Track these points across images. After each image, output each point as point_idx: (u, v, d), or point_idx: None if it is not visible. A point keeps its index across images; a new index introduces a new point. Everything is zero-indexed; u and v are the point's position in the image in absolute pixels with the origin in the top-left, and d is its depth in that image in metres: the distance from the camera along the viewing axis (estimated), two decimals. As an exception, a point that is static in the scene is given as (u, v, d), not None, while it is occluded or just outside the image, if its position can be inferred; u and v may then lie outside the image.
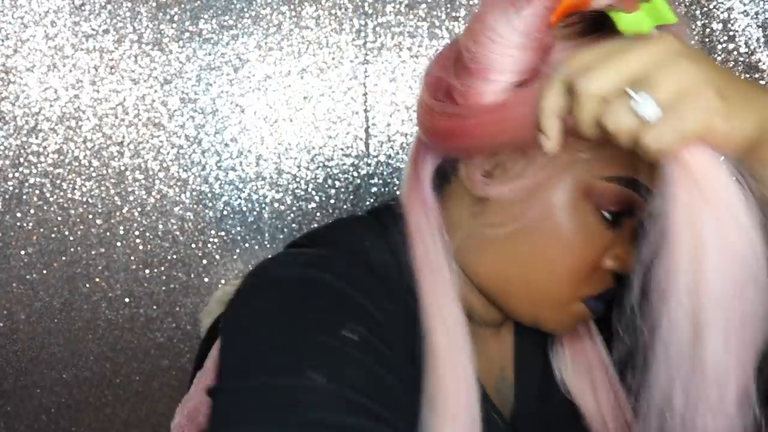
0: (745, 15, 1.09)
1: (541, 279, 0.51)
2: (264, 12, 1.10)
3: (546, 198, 0.49)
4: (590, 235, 0.49)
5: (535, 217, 0.49)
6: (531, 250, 0.50)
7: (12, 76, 1.08)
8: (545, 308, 0.53)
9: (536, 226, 0.49)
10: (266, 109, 1.12)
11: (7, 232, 1.11)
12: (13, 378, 1.16)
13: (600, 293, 0.52)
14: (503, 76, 0.46)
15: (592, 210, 0.49)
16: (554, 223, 0.49)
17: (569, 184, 0.49)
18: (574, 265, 0.50)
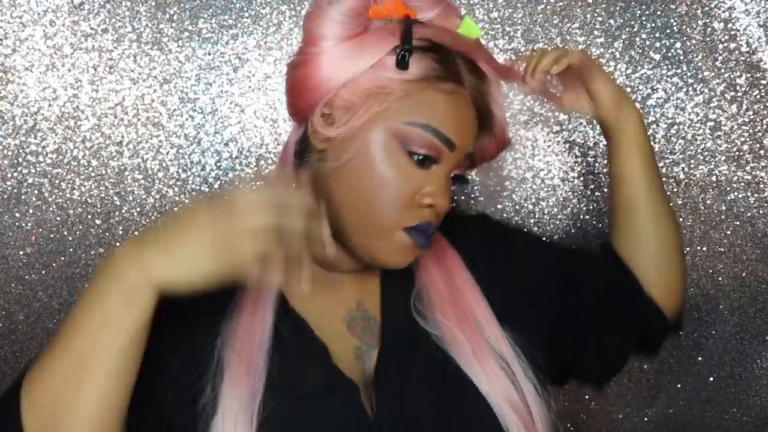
0: (747, 14, 1.09)
1: (364, 207, 0.63)
2: (264, 11, 1.09)
3: (364, 139, 0.63)
4: (402, 172, 0.63)
5: (356, 153, 0.63)
6: (355, 183, 0.63)
7: (11, 76, 1.07)
8: (373, 238, 0.64)
9: (357, 162, 0.63)
10: (266, 108, 1.12)
11: (5, 232, 1.11)
12: (12, 378, 1.15)
13: (419, 225, 0.64)
14: (327, 41, 0.63)
15: (401, 150, 0.63)
16: (371, 158, 0.63)
17: (381, 128, 0.63)
18: (390, 196, 0.63)
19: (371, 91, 0.63)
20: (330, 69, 0.63)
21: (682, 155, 1.14)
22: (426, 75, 0.63)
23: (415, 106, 0.63)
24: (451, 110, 0.64)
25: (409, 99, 0.63)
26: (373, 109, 0.63)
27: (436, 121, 0.63)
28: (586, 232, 1.17)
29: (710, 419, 1.21)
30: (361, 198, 0.64)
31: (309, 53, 0.64)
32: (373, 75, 0.63)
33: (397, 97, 0.63)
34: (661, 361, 1.20)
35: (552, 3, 1.10)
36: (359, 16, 0.64)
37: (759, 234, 1.15)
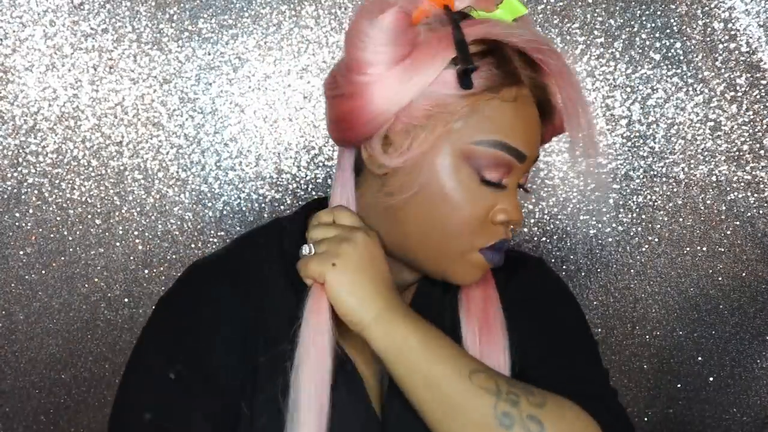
0: (747, 14, 1.09)
1: (438, 235, 0.61)
2: (263, 11, 1.09)
3: (432, 165, 0.59)
4: (474, 194, 0.60)
5: (425, 182, 0.60)
6: (427, 210, 0.60)
7: (11, 76, 1.07)
8: (448, 260, 0.62)
9: (427, 190, 0.60)
10: (266, 108, 1.12)
11: (5, 232, 1.11)
12: (12, 378, 1.15)
13: (494, 244, 0.62)
14: (377, 67, 0.58)
15: (472, 172, 0.60)
16: (441, 185, 0.60)
17: (449, 151, 0.59)
18: (464, 219, 0.60)
19: (432, 111, 0.58)
20: (384, 98, 0.58)
21: (682, 155, 1.14)
22: (489, 85, 0.59)
23: (481, 123, 0.59)
24: (518, 119, 0.60)
25: (475, 115, 0.59)
26: (437, 131, 0.59)
27: (504, 134, 0.59)
28: (586, 232, 1.17)
29: (710, 419, 1.21)
30: (434, 226, 0.61)
31: (358, 83, 0.59)
32: (432, 94, 0.58)
33: (461, 116, 0.59)
34: (661, 361, 1.20)
35: (552, 3, 1.10)
36: (406, 31, 0.58)
37: (759, 234, 1.15)
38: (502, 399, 0.56)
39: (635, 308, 1.19)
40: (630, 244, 1.17)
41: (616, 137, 1.14)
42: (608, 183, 1.14)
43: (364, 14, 0.58)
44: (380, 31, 0.57)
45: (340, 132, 0.63)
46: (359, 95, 0.59)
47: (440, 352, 0.58)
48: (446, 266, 0.63)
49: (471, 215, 0.60)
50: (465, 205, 0.60)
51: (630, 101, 1.13)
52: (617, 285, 1.19)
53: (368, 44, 0.57)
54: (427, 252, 0.63)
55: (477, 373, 0.57)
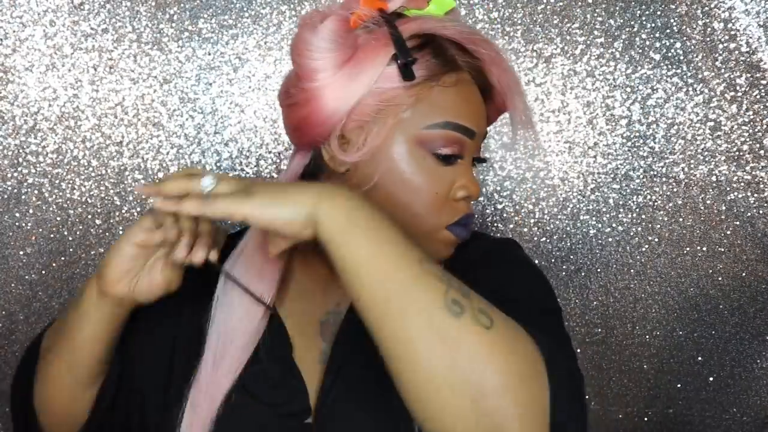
0: (747, 14, 1.09)
1: (406, 218, 0.63)
2: (264, 11, 1.09)
3: (388, 155, 0.63)
4: (432, 174, 0.63)
5: (384, 171, 0.63)
6: (390, 197, 0.63)
7: (11, 76, 1.07)
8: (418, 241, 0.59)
9: (388, 178, 0.63)
10: (266, 108, 1.12)
11: (5, 232, 1.11)
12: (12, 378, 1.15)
13: (460, 220, 0.65)
14: (324, 73, 0.62)
15: (427, 154, 0.63)
16: (400, 171, 0.63)
17: (402, 139, 0.63)
18: (427, 200, 0.63)
19: (381, 106, 0.62)
20: (335, 100, 0.62)
21: (682, 155, 1.14)
22: (429, 74, 0.63)
23: (428, 109, 0.63)
24: (462, 100, 0.64)
25: (421, 103, 0.63)
26: (389, 123, 0.62)
27: (450, 115, 0.63)
28: (586, 232, 1.17)
29: (710, 419, 1.21)
30: (399, 210, 0.63)
31: (308, 89, 0.63)
32: (379, 90, 0.62)
33: (408, 105, 0.63)
34: (661, 361, 1.20)
35: (552, 3, 1.10)
36: (346, 36, 0.63)
37: (759, 234, 1.15)
38: (453, 288, 0.51)
39: (635, 308, 1.19)
40: (630, 244, 1.17)
41: (616, 137, 1.14)
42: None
43: (306, 25, 0.63)
44: (322, 39, 0.62)
45: (298, 137, 0.67)
46: (312, 100, 0.63)
47: (389, 234, 0.53)
48: None
49: (433, 195, 0.63)
50: (426, 187, 0.63)
51: (630, 101, 1.13)
52: (617, 285, 1.19)
53: (313, 52, 0.62)
54: None
55: (427, 262, 0.53)
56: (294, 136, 0.67)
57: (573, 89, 1.12)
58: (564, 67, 1.12)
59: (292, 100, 0.65)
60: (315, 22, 0.63)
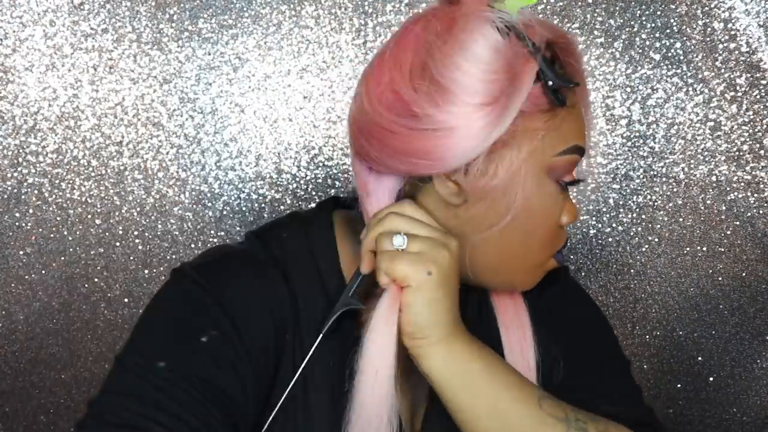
0: (747, 14, 1.09)
1: (524, 252, 0.58)
2: (263, 11, 1.09)
3: (522, 185, 0.54)
4: (553, 204, 0.57)
5: (520, 205, 0.55)
6: (517, 232, 0.56)
7: (11, 76, 1.07)
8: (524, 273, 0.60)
9: (522, 213, 0.55)
10: (266, 108, 1.12)
11: (5, 232, 1.11)
12: (12, 379, 1.16)
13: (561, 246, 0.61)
14: (485, 97, 0.51)
15: (552, 183, 0.56)
16: (533, 204, 0.55)
17: (536, 168, 0.55)
18: (548, 231, 0.58)
19: (516, 129, 0.53)
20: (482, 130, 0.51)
21: (682, 155, 1.14)
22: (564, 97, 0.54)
23: (560, 133, 0.55)
24: (581, 119, 0.57)
25: (555, 128, 0.55)
26: (524, 150, 0.54)
27: (579, 138, 0.57)
28: (586, 232, 1.17)
29: (710, 419, 1.21)
30: (521, 246, 0.57)
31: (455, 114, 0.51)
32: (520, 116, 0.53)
33: (544, 131, 0.54)
34: (661, 361, 1.20)
35: (552, 3, 1.10)
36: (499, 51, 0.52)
37: (759, 234, 1.15)
38: (572, 427, 0.52)
39: (635, 308, 1.19)
40: (630, 244, 1.17)
41: (616, 137, 1.14)
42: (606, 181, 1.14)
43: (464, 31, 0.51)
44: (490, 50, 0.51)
45: (412, 166, 0.54)
46: (454, 129, 0.51)
47: (506, 378, 0.53)
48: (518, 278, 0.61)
49: (553, 226, 0.58)
50: (550, 219, 0.57)
51: (630, 101, 1.13)
52: (617, 285, 1.19)
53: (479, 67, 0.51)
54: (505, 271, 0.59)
55: (545, 400, 0.54)
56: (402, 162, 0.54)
57: (573, 89, 1.12)
58: (564, 67, 1.12)
59: (422, 125, 0.52)
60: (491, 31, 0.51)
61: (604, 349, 0.69)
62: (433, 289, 0.52)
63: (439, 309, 0.52)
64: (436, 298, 0.52)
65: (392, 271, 0.52)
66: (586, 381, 0.64)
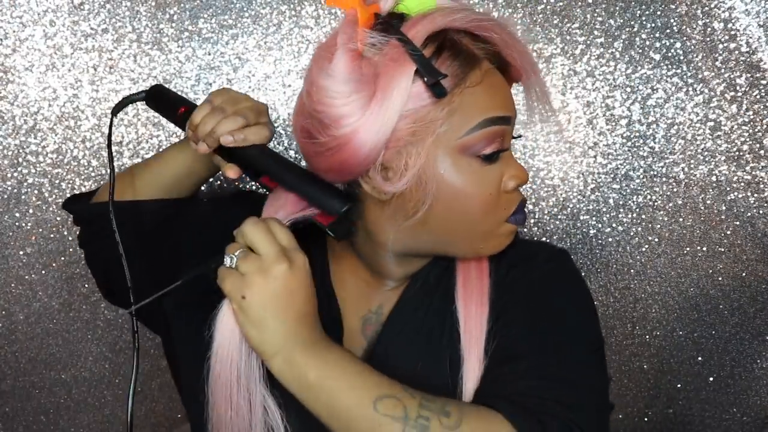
0: (747, 14, 1.09)
1: (466, 225, 0.63)
2: (264, 11, 1.09)
3: (434, 173, 0.61)
4: (481, 176, 0.62)
5: (435, 190, 0.61)
6: (448, 210, 0.62)
7: (11, 76, 1.07)
8: (480, 240, 0.65)
9: (441, 196, 0.61)
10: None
11: (5, 232, 1.11)
12: (12, 378, 1.16)
13: (516, 209, 0.65)
14: (352, 117, 0.59)
15: (471, 159, 0.61)
16: (450, 186, 0.61)
17: (445, 153, 0.61)
18: (482, 202, 0.62)
19: (416, 127, 0.60)
20: (370, 139, 0.59)
21: (682, 155, 1.14)
22: (456, 81, 0.60)
23: (463, 116, 0.61)
24: (491, 92, 0.62)
25: (455, 113, 0.60)
26: (427, 142, 0.60)
27: (486, 111, 0.61)
28: (586, 232, 1.17)
29: (710, 419, 1.21)
30: (459, 220, 0.63)
31: (340, 137, 0.60)
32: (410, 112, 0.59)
33: (443, 119, 0.60)
34: (661, 361, 1.20)
35: (552, 3, 1.10)
36: (361, 69, 0.59)
37: (759, 234, 1.15)
38: (410, 425, 0.56)
39: (635, 308, 1.19)
40: (630, 244, 1.17)
41: (616, 137, 1.14)
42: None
43: (318, 70, 0.60)
44: (339, 82, 0.58)
45: (337, 176, 0.64)
46: (346, 145, 0.60)
47: (341, 383, 0.58)
48: (479, 245, 0.66)
49: (487, 197, 0.62)
50: (479, 192, 0.62)
51: (630, 101, 1.13)
52: (617, 285, 1.19)
53: (335, 99, 0.59)
54: (459, 242, 0.65)
55: (383, 400, 0.57)
56: (330, 176, 0.65)
57: (573, 89, 1.12)
58: (564, 67, 1.12)
59: (322, 148, 0.62)
60: (324, 64, 0.60)
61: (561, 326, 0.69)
62: (254, 311, 0.58)
63: (263, 328, 0.58)
64: (258, 318, 0.58)
65: (222, 287, 0.60)
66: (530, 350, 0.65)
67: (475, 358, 0.67)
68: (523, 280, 0.71)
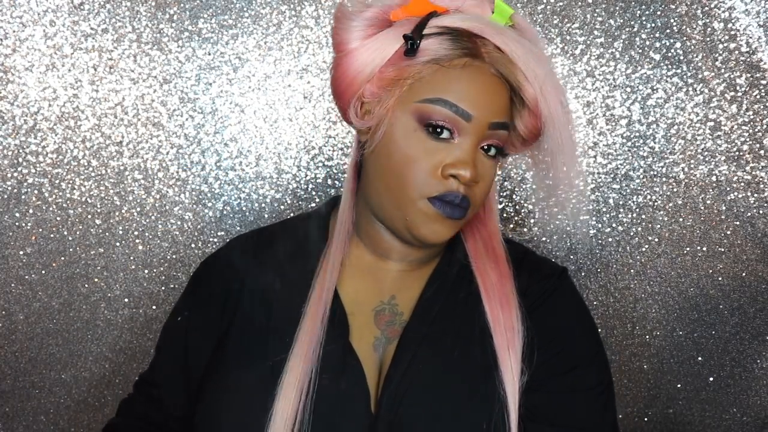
0: (747, 14, 1.09)
1: (393, 183, 0.68)
2: (264, 11, 1.09)
3: (389, 122, 0.68)
4: (421, 146, 0.67)
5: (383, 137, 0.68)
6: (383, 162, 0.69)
7: (11, 76, 1.07)
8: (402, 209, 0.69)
9: (383, 145, 0.69)
10: (266, 108, 1.12)
11: (5, 232, 1.11)
12: (12, 379, 1.15)
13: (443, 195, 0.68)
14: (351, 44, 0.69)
15: (420, 126, 0.67)
16: (393, 139, 0.68)
17: (401, 109, 0.68)
18: (413, 169, 0.67)
19: (392, 79, 0.68)
20: (356, 65, 0.68)
21: (682, 155, 1.14)
22: (437, 57, 0.67)
23: (428, 85, 0.67)
24: (465, 82, 0.67)
25: (423, 79, 0.67)
26: (395, 95, 0.68)
27: (449, 95, 0.67)
28: (586, 232, 1.17)
29: (710, 419, 1.21)
30: (389, 174, 0.69)
31: (337, 59, 0.70)
32: (393, 65, 0.68)
33: (413, 80, 0.68)
34: (661, 361, 1.20)
35: (552, 3, 1.10)
36: (380, 19, 0.69)
37: (759, 234, 1.15)
38: None
39: (635, 308, 1.19)
40: (630, 244, 1.17)
41: (616, 137, 1.14)
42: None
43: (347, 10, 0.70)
44: (357, 19, 0.69)
45: (337, 105, 0.74)
46: (338, 66, 0.70)
47: None
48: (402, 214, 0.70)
49: (421, 165, 0.67)
50: (415, 157, 0.67)
51: (630, 101, 1.13)
52: (617, 285, 1.19)
53: (346, 29, 0.69)
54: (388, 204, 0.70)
55: None
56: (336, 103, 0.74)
57: (573, 89, 1.12)
58: (564, 67, 1.12)
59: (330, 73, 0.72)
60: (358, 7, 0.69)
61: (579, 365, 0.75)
62: None
63: None
64: None
65: None
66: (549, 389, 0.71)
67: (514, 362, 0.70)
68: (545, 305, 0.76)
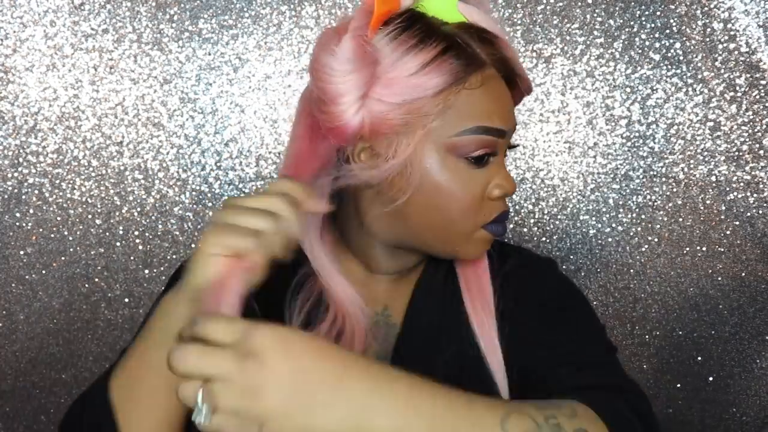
0: (746, 14, 1.09)
1: (443, 223, 0.64)
2: (264, 12, 1.09)
3: (420, 165, 0.62)
4: (466, 179, 0.63)
5: (418, 182, 0.62)
6: (427, 206, 0.64)
7: (11, 76, 1.07)
8: (455, 242, 0.66)
9: (423, 188, 0.63)
10: (266, 108, 1.12)
11: (6, 232, 1.11)
12: (12, 378, 1.16)
13: (495, 218, 0.66)
14: (349, 96, 0.61)
15: (459, 160, 0.62)
16: (434, 181, 0.63)
17: (432, 148, 0.62)
18: (463, 205, 0.63)
19: (409, 119, 0.61)
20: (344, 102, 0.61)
21: (682, 155, 1.14)
22: (454, 79, 0.61)
23: (457, 115, 0.62)
24: (490, 100, 0.63)
25: (449, 110, 0.62)
26: (418, 134, 0.61)
27: (480, 118, 0.62)
28: (586, 232, 1.17)
29: (710, 419, 1.21)
30: (437, 217, 0.64)
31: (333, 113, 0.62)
32: (404, 102, 0.61)
33: (436, 115, 0.61)
34: (661, 361, 1.20)
35: (552, 3, 1.10)
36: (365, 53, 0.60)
37: (758, 234, 1.15)
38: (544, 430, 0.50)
39: (635, 308, 1.19)
40: (630, 244, 1.17)
41: (616, 137, 1.14)
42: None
43: (323, 47, 0.63)
44: (342, 61, 0.61)
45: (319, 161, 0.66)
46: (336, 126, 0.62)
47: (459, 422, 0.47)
48: (454, 247, 0.66)
49: (469, 199, 0.63)
50: (461, 193, 0.63)
51: (630, 101, 1.13)
52: (617, 285, 1.19)
53: (335, 77, 0.61)
54: (435, 239, 0.66)
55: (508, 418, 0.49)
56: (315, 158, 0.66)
57: (573, 89, 1.12)
58: (564, 67, 1.12)
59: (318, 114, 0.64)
60: (331, 43, 0.62)
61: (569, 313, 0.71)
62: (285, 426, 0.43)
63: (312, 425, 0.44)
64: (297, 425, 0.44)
65: None
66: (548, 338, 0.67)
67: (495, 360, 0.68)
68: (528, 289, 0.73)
